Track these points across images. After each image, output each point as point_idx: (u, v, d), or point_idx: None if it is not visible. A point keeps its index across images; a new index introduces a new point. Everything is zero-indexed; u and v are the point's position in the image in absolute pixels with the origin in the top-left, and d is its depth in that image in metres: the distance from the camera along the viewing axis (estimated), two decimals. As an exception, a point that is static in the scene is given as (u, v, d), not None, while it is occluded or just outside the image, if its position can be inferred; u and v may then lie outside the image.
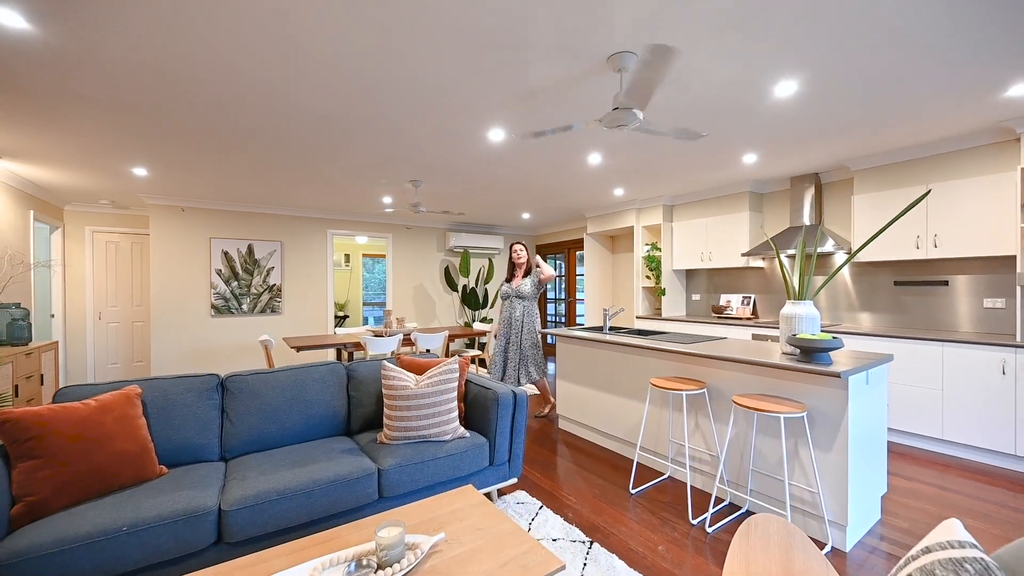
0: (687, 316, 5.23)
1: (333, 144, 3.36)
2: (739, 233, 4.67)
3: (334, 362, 2.60)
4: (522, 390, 2.50)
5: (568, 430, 3.74)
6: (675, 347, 2.67)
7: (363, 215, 6.59)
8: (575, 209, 6.15)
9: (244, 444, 2.20)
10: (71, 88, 2.43)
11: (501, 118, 2.84)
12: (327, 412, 2.43)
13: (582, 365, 3.54)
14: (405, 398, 2.22)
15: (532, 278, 3.93)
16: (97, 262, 5.81)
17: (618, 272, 6.66)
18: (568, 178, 4.41)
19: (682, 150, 3.54)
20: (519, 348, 3.92)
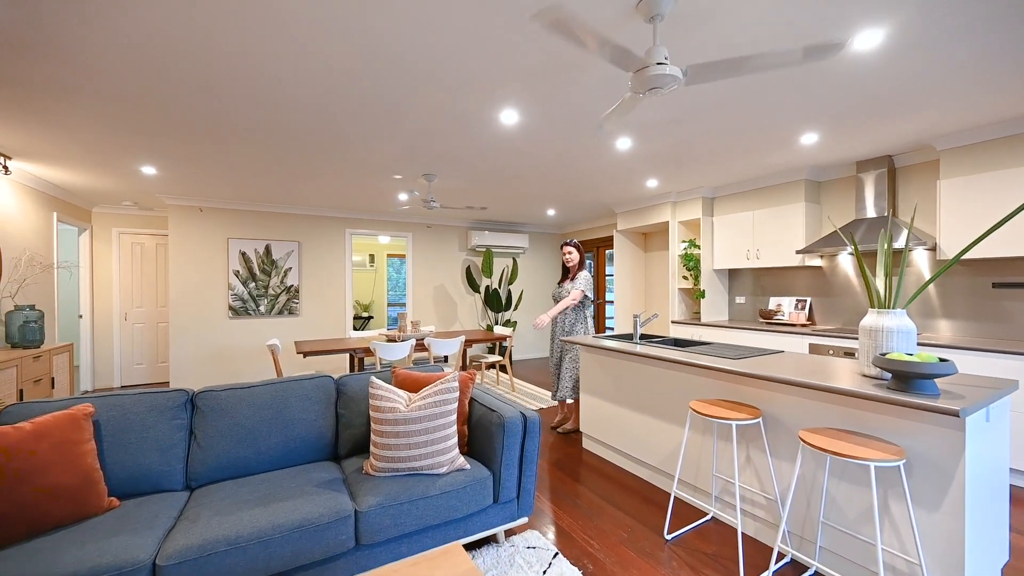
0: (729, 322, 4.67)
1: (336, 135, 3.08)
2: (792, 227, 4.08)
3: (322, 375, 2.30)
4: (534, 414, 2.11)
5: (592, 451, 3.32)
6: (722, 364, 2.20)
7: (381, 214, 6.38)
8: (603, 204, 5.68)
9: (213, 471, 1.92)
10: (67, 80, 2.25)
11: (511, 95, 2.46)
12: (311, 433, 2.13)
13: (609, 378, 3.11)
14: (393, 423, 1.88)
15: (577, 281, 3.65)
16: (123, 263, 5.86)
17: (651, 272, 6.14)
18: (594, 168, 3.97)
19: (726, 131, 3.04)
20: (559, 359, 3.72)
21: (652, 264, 6.12)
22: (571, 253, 3.75)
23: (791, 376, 1.88)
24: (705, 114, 2.76)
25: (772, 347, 3.96)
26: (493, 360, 5.09)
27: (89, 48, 2.01)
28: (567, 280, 3.78)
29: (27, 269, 4.06)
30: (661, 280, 5.96)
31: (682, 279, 5.07)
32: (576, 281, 3.66)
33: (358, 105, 2.60)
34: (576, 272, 3.72)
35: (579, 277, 3.66)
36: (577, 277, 3.67)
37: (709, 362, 2.26)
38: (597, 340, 3.17)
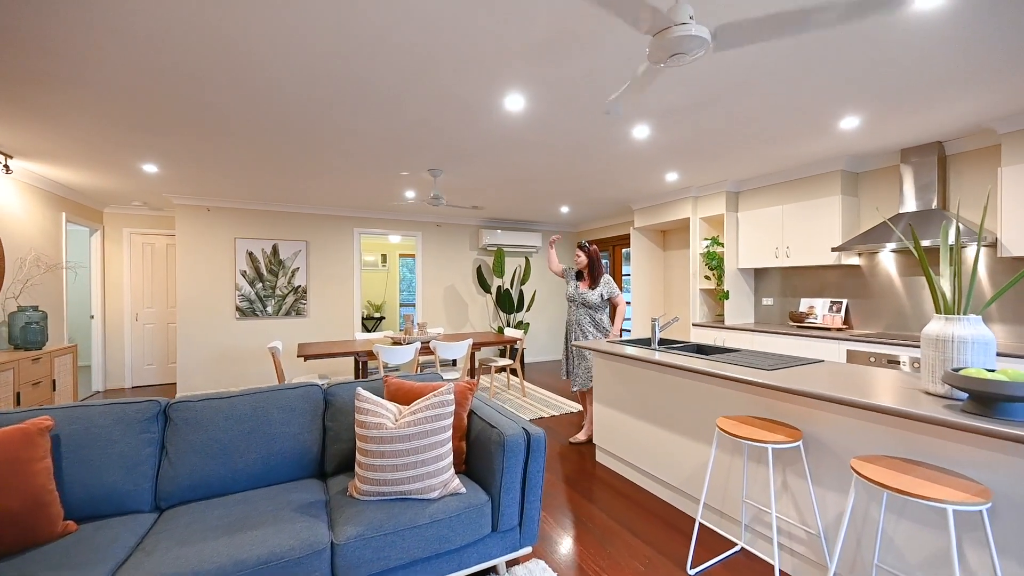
0: (756, 325, 4.34)
1: (334, 129, 2.90)
2: (827, 223, 3.75)
3: (310, 384, 2.11)
4: (539, 431, 1.88)
5: (607, 465, 3.06)
6: (756, 377, 1.93)
7: (390, 212, 6.23)
8: (620, 200, 5.40)
9: (184, 490, 1.75)
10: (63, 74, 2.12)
11: (515, 76, 2.23)
12: (294, 449, 1.94)
13: (625, 388, 2.85)
14: (378, 440, 1.67)
15: (604, 287, 3.52)
16: (134, 263, 5.85)
17: (671, 272, 5.83)
18: (609, 161, 3.71)
19: (755, 116, 2.75)
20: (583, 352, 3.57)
21: (671, 263, 5.81)
22: (578, 257, 3.59)
23: (842, 394, 1.60)
24: (731, 97, 2.48)
25: (804, 353, 3.64)
26: (504, 364, 4.87)
27: (84, 42, 1.87)
28: (584, 282, 3.60)
29: (31, 270, 4.03)
30: (681, 280, 5.65)
31: (704, 279, 4.76)
32: (605, 286, 3.54)
33: (351, 94, 2.41)
34: (594, 273, 3.56)
35: (606, 282, 3.55)
36: (603, 281, 3.54)
37: (740, 374, 1.99)
38: (612, 346, 2.92)
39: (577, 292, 3.57)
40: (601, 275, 3.54)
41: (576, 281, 3.64)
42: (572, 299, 3.60)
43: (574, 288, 3.60)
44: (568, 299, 3.65)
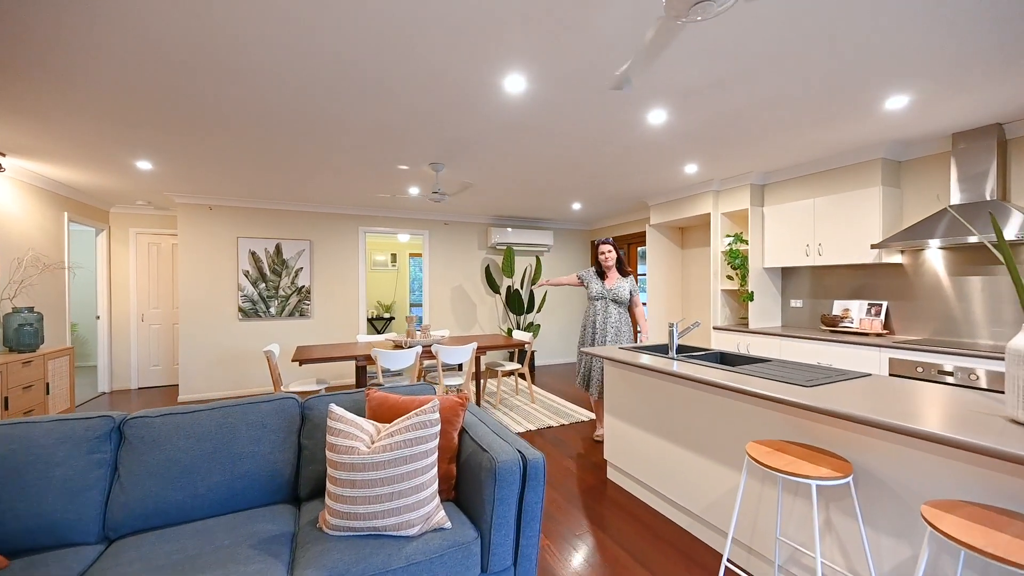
0: (783, 329, 4.00)
1: (323, 119, 2.70)
2: (866, 217, 3.39)
3: (287, 396, 1.91)
4: (537, 456, 1.63)
5: (618, 483, 2.79)
6: (795, 397, 1.64)
7: (396, 210, 6.05)
8: (635, 195, 5.10)
9: (137, 518, 1.56)
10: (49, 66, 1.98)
11: (513, 51, 1.98)
12: (264, 470, 1.74)
13: (639, 400, 2.58)
14: (349, 467, 1.45)
15: (631, 283, 3.48)
16: (140, 264, 5.79)
17: (689, 271, 5.49)
18: (623, 151, 3.43)
19: (787, 96, 2.44)
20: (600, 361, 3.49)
21: (690, 262, 5.47)
22: (610, 252, 3.47)
23: (911, 424, 1.31)
24: (760, 74, 2.18)
25: (840, 361, 3.30)
26: (512, 368, 4.63)
27: (67, 34, 1.70)
28: (609, 278, 3.51)
29: (28, 270, 3.95)
30: (701, 280, 5.31)
31: (726, 279, 4.43)
32: (628, 281, 3.48)
33: (331, 76, 2.20)
34: (617, 272, 3.50)
35: (629, 280, 3.49)
36: (630, 277, 3.51)
37: (776, 391, 1.70)
38: (625, 353, 2.65)
39: (606, 288, 3.44)
40: (627, 274, 3.51)
41: (598, 280, 3.51)
42: (600, 296, 3.45)
43: (600, 286, 3.47)
44: (594, 298, 3.48)
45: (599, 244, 3.53)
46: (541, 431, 3.86)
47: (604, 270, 3.52)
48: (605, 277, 3.52)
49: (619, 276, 3.49)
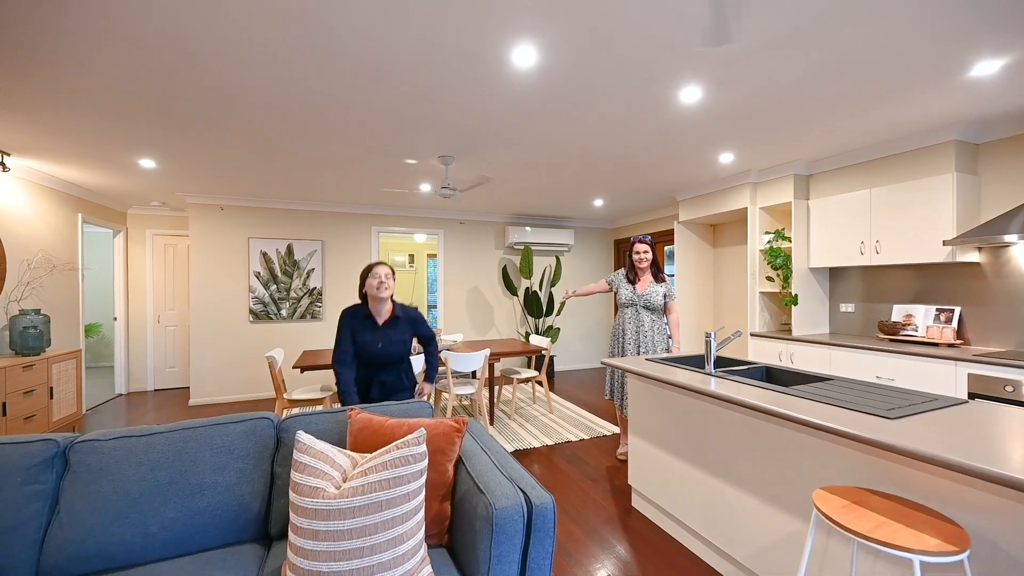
0: (832, 337, 3.56)
1: (313, 105, 2.47)
2: (935, 209, 2.94)
3: (259, 416, 1.66)
4: (546, 500, 1.32)
5: (645, 514, 2.45)
6: (884, 436, 1.28)
7: (410, 209, 5.84)
8: (662, 190, 4.71)
9: (76, 561, 1.33)
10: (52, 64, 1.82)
11: (520, 13, 1.69)
12: (228, 504, 1.49)
13: (669, 420, 2.23)
14: (312, 514, 1.18)
15: (667, 287, 3.13)
16: (156, 265, 5.78)
17: (722, 272, 5.06)
18: (649, 138, 3.08)
19: (848, 62, 2.05)
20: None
21: (724, 262, 5.04)
22: (646, 253, 3.11)
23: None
24: (824, 31, 1.81)
25: (905, 376, 2.85)
26: (528, 376, 4.33)
27: (69, 31, 1.52)
28: (641, 281, 3.14)
29: (36, 271, 3.90)
30: (735, 282, 4.87)
31: (765, 280, 4.01)
32: (668, 286, 3.14)
33: (325, 55, 1.95)
34: (651, 276, 3.14)
35: (669, 282, 3.16)
36: (667, 281, 3.16)
37: (851, 424, 1.34)
38: (654, 367, 2.31)
39: (637, 294, 3.08)
40: (663, 274, 3.18)
41: (630, 284, 3.16)
42: (630, 303, 3.10)
43: (631, 291, 3.12)
44: (624, 305, 3.13)
45: (635, 242, 3.13)
46: (558, 447, 3.54)
47: (636, 272, 3.15)
48: (636, 280, 3.14)
49: (652, 281, 3.11)
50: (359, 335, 2.22)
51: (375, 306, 2.25)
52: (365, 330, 2.23)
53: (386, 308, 2.26)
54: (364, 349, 2.22)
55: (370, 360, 2.24)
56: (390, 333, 2.25)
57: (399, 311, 2.29)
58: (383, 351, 2.23)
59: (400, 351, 2.28)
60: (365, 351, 2.22)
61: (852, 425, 1.32)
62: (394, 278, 2.26)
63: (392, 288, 2.24)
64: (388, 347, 2.24)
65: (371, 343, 2.22)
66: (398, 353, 2.27)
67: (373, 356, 2.23)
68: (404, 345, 2.29)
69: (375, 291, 2.19)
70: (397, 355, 2.28)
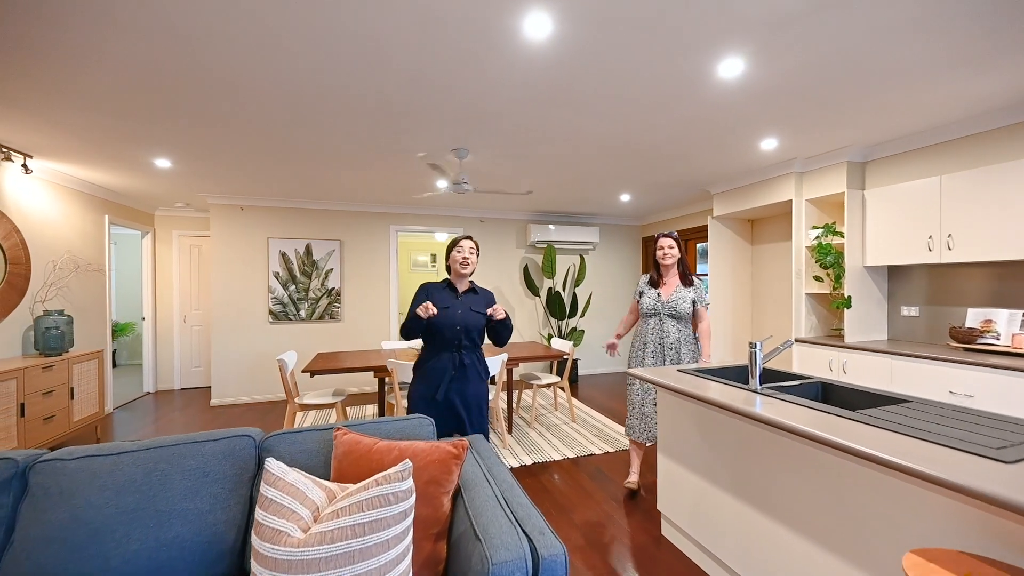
0: (892, 344, 3.15)
1: (302, 82, 2.32)
2: (1020, 198, 2.51)
3: (239, 435, 1.50)
4: (556, 551, 1.09)
5: (678, 546, 2.17)
6: (996, 489, 0.98)
7: (429, 207, 5.69)
8: (694, 182, 4.37)
9: (30, 598, 1.19)
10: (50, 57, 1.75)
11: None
12: (200, 534, 1.33)
13: (704, 442, 1.95)
14: (272, 564, 0.99)
15: (696, 292, 2.70)
16: (182, 265, 5.86)
17: (762, 272, 4.66)
18: (681, 124, 2.78)
19: (926, 18, 1.71)
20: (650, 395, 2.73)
21: (764, 260, 4.64)
22: (671, 248, 2.70)
23: None
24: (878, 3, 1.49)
25: (983, 392, 2.45)
26: (549, 381, 4.08)
27: (82, 30, 1.43)
28: (666, 284, 2.73)
29: (57, 273, 3.95)
30: (777, 282, 4.46)
31: (813, 280, 3.61)
32: (698, 290, 2.71)
33: (319, 36, 1.78)
34: (678, 278, 2.73)
35: (699, 285, 2.74)
36: (696, 284, 2.73)
37: (958, 474, 1.04)
38: (688, 380, 2.02)
39: (661, 301, 2.68)
40: (692, 275, 2.75)
41: (653, 289, 2.75)
42: (653, 311, 2.70)
43: (655, 298, 2.70)
44: (647, 314, 2.72)
45: (659, 237, 2.74)
46: (581, 460, 3.28)
47: (661, 273, 2.77)
48: (660, 283, 2.75)
49: (679, 284, 2.71)
50: (440, 303, 2.14)
51: (456, 280, 2.23)
52: (446, 298, 2.17)
53: (465, 283, 2.24)
54: (445, 317, 2.12)
55: (450, 332, 2.12)
56: (469, 302, 2.19)
57: (476, 287, 2.27)
58: (463, 318, 2.14)
59: (480, 322, 2.19)
60: (446, 318, 2.12)
61: (954, 470, 1.02)
62: (478, 254, 2.23)
63: (474, 265, 2.20)
64: (467, 314, 2.15)
65: (452, 309, 2.14)
66: (477, 324, 2.18)
67: (454, 323, 2.12)
68: (482, 318, 2.20)
69: (458, 266, 2.17)
70: (476, 325, 2.18)
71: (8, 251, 3.43)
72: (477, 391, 2.23)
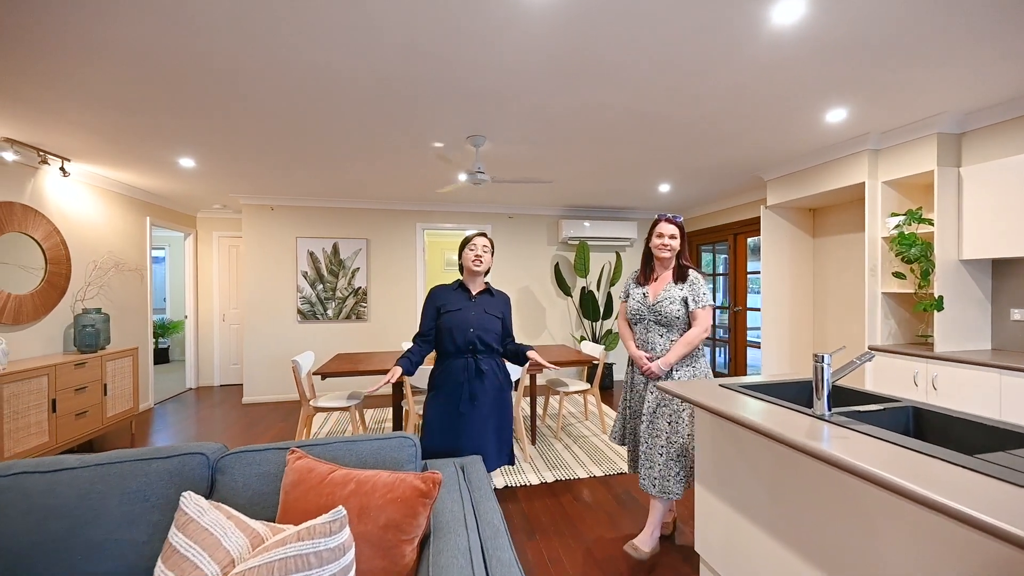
0: (997, 355, 2.56)
1: (318, 73, 2.14)
2: None
3: (192, 452, 1.31)
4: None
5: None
6: None
7: (455, 204, 5.50)
8: (743, 166, 3.87)
9: (-59, 636, 1.05)
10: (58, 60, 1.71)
11: None
12: (135, 570, 1.15)
13: (753, 475, 1.56)
14: (155, 641, 0.76)
15: (691, 288, 2.05)
16: (221, 265, 6.03)
17: (825, 268, 4.07)
18: (728, 92, 2.37)
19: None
20: (655, 421, 2.04)
21: (828, 255, 4.04)
22: (673, 238, 2.05)
23: None
24: None
25: None
26: (578, 389, 3.75)
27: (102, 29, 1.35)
28: (656, 280, 2.13)
29: (97, 272, 4.08)
30: (846, 279, 3.87)
31: (892, 278, 3.05)
32: (694, 286, 2.05)
33: (303, 13, 1.58)
34: (680, 269, 2.09)
35: (696, 280, 2.07)
36: (692, 279, 2.07)
37: None
38: (730, 397, 1.64)
39: (647, 303, 2.09)
40: (688, 269, 2.10)
41: (640, 287, 2.16)
42: (638, 316, 2.11)
43: (641, 297, 2.12)
44: (634, 319, 2.14)
45: (658, 221, 2.09)
46: (610, 479, 2.93)
47: (654, 266, 2.15)
48: (650, 281, 2.15)
49: (671, 281, 2.08)
50: (451, 305, 1.98)
51: (470, 279, 2.06)
52: (458, 300, 2.00)
53: (479, 282, 2.07)
54: (458, 320, 1.95)
55: (463, 336, 1.94)
56: (484, 303, 2.02)
57: (491, 289, 2.09)
58: (477, 320, 1.96)
59: (496, 326, 2.02)
60: (460, 321, 1.95)
61: None
62: (492, 253, 2.06)
63: (488, 264, 2.03)
64: (482, 317, 1.98)
65: (465, 311, 1.97)
66: (493, 327, 2.00)
67: (467, 325, 1.94)
68: (497, 321, 2.03)
69: (470, 263, 2.00)
70: (492, 328, 2.00)
71: (48, 251, 3.56)
72: (498, 401, 2.01)
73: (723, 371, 5.67)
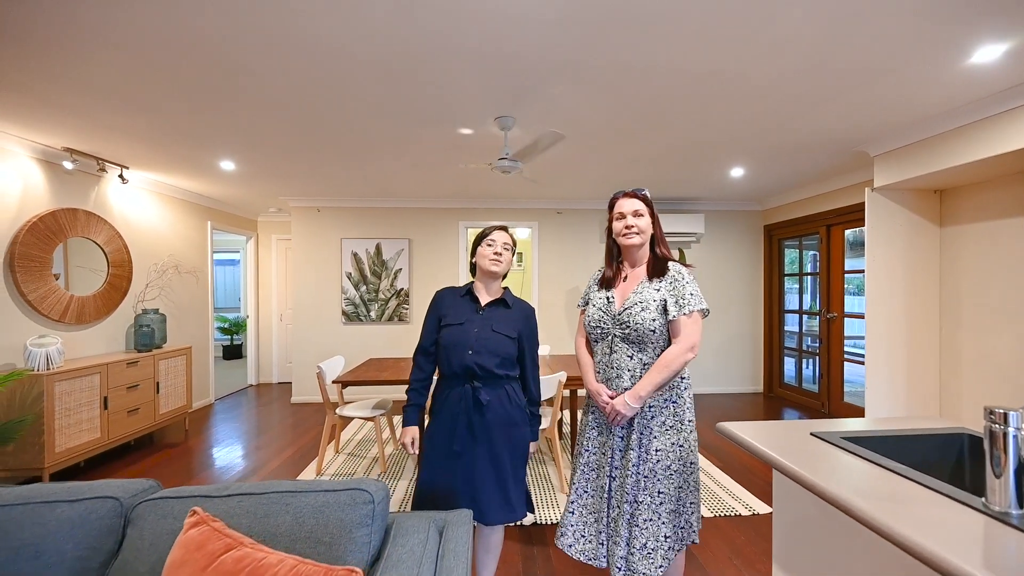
0: None
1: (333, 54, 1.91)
2: None
3: (101, 496, 1.08)
4: None
5: None
6: None
7: (499, 200, 5.18)
8: (841, 139, 3.10)
9: None
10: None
11: None
12: (11, 648, 0.92)
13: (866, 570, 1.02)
14: None
15: (672, 287, 1.44)
16: (279, 267, 6.25)
17: (958, 266, 3.15)
18: (820, 38, 1.77)
19: None
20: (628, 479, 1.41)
21: (964, 247, 3.13)
22: (638, 216, 1.49)
23: None
24: None
25: None
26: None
27: None
28: (623, 279, 1.54)
29: (158, 274, 4.29)
30: (990, 281, 2.96)
31: (1072, 278, 2.20)
32: (676, 283, 1.45)
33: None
34: (656, 262, 1.50)
35: (679, 276, 1.46)
36: (674, 274, 1.47)
37: None
38: (834, 456, 1.11)
39: (610, 311, 1.50)
40: (667, 261, 1.51)
41: (603, 291, 1.56)
42: (601, 330, 1.51)
43: (603, 304, 1.53)
44: (592, 334, 1.55)
45: (616, 199, 1.56)
46: (661, 524, 2.40)
47: (621, 260, 1.59)
48: (616, 281, 1.56)
49: (644, 279, 1.49)
50: (451, 317, 1.57)
51: (482, 283, 1.64)
52: (460, 310, 1.58)
53: (495, 288, 1.65)
54: (456, 338, 1.53)
55: (459, 359, 1.51)
56: (493, 318, 1.58)
57: (509, 298, 1.65)
58: (479, 340, 1.52)
59: (501, 347, 1.53)
60: (457, 340, 1.52)
61: None
62: (513, 252, 1.64)
63: (508, 264, 1.61)
64: (484, 335, 1.53)
65: (467, 327, 1.54)
66: (499, 349, 1.53)
67: (464, 345, 1.51)
68: (508, 342, 1.56)
69: (486, 263, 1.58)
70: (498, 351, 1.52)
71: (111, 255, 3.76)
72: (506, 439, 1.55)
73: (811, 387, 4.78)
